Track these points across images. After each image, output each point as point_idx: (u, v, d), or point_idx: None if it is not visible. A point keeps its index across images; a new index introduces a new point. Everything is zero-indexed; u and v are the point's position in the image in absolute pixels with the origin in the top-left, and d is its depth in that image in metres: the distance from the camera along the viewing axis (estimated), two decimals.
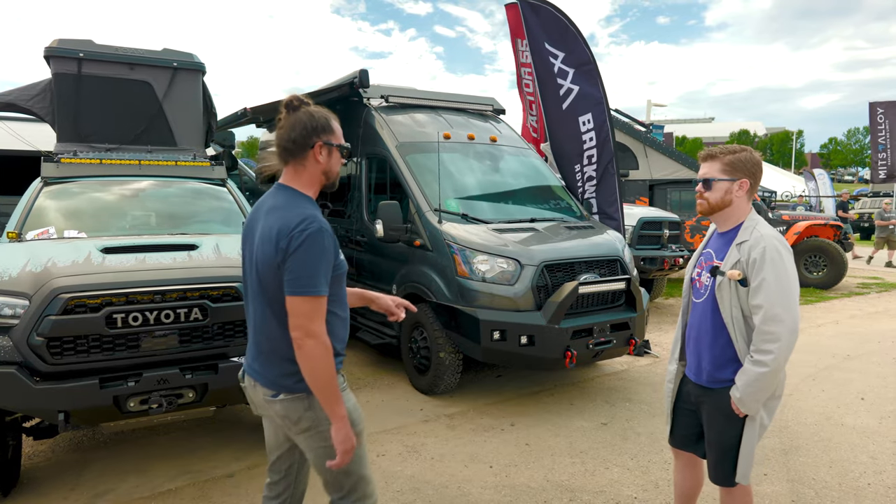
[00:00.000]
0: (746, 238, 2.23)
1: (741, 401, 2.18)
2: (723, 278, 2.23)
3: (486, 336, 4.38)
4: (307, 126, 1.91)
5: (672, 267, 8.44)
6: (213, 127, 6.05)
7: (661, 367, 5.86)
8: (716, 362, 2.28)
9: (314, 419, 1.91)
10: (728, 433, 2.27)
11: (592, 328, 4.59)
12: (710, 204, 2.30)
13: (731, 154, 2.29)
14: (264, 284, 1.88)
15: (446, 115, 6.26)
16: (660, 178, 11.44)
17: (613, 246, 5.08)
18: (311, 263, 1.79)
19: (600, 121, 6.31)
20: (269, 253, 1.84)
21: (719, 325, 2.26)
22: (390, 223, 5.06)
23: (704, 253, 2.41)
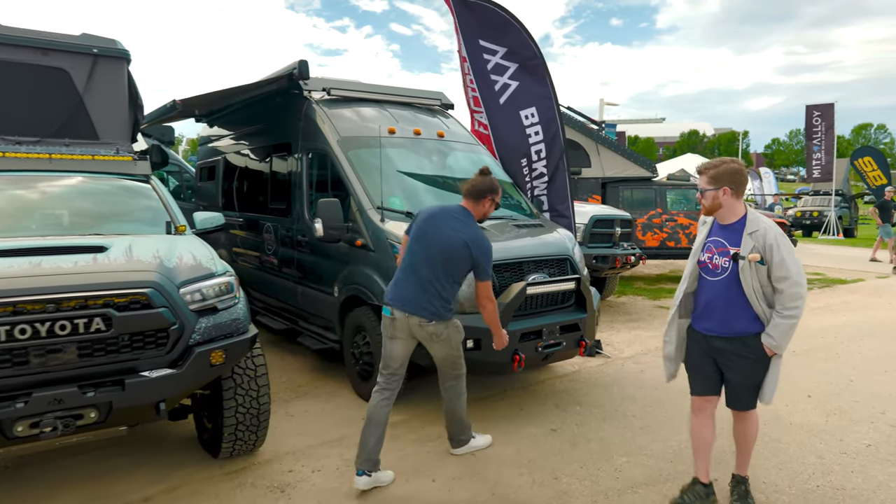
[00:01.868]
0: (756, 228, 2.93)
1: (778, 346, 2.93)
2: (744, 262, 2.91)
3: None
4: (490, 187, 3.61)
5: (624, 265, 8.40)
6: (139, 120, 5.63)
7: (612, 368, 5.76)
8: (747, 321, 2.97)
9: (449, 334, 3.53)
10: (759, 371, 3.01)
11: (542, 330, 4.42)
12: (707, 207, 3.07)
13: (713, 168, 3.01)
14: (449, 261, 3.43)
15: (392, 110, 6.00)
16: (612, 176, 11.46)
17: (563, 245, 4.94)
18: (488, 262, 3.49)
19: (548, 116, 6.17)
20: (460, 249, 3.41)
21: (742, 295, 2.95)
22: (330, 222, 4.78)
23: (712, 241, 3.08)
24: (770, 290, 2.93)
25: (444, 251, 3.41)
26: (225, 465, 3.65)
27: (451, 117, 6.58)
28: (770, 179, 32.18)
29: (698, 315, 3.15)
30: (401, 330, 3.47)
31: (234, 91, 5.78)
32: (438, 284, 3.40)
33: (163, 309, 2.89)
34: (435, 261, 3.41)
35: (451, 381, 3.75)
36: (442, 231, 3.45)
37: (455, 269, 3.43)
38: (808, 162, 22.89)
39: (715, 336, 3.07)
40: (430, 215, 3.56)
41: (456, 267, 3.43)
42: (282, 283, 6.19)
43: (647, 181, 11.43)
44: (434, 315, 3.41)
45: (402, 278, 3.50)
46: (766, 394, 3.04)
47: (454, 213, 3.55)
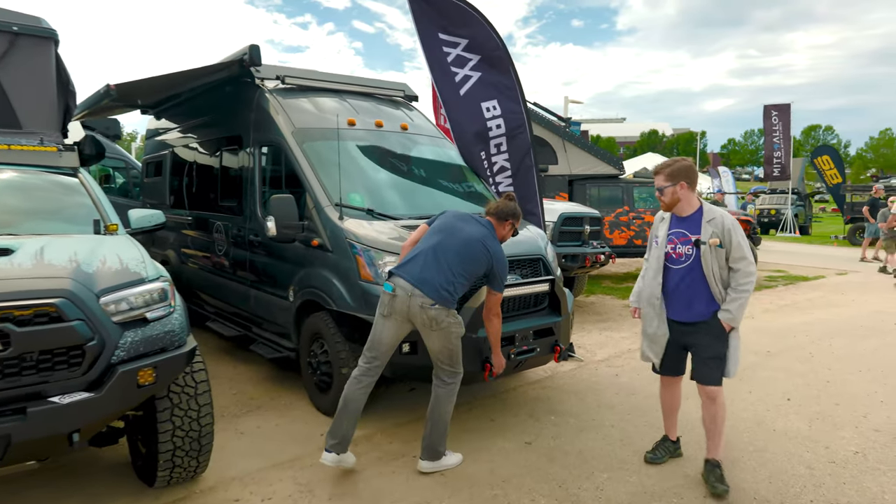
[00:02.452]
0: (713, 216, 3.32)
1: (733, 318, 3.28)
2: (705, 246, 3.27)
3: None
4: (513, 212, 3.70)
5: (594, 264, 8.19)
6: (71, 108, 5.09)
7: (586, 372, 5.50)
8: (705, 303, 3.33)
9: (449, 324, 3.40)
10: (720, 345, 3.34)
11: (514, 336, 4.11)
12: (666, 203, 3.44)
13: (668, 167, 3.42)
14: (470, 257, 3.46)
15: (352, 101, 5.61)
16: (579, 173, 11.28)
17: (535, 244, 4.64)
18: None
19: (510, 108, 5.86)
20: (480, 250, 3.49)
21: (702, 279, 3.30)
22: (284, 220, 4.38)
23: (673, 233, 3.44)
24: (727, 273, 3.30)
25: (468, 245, 3.47)
26: (161, 496, 3.22)
27: (415, 109, 6.23)
28: (728, 178, 32.84)
29: (668, 303, 3.48)
30: (399, 310, 3.38)
31: (178, 77, 5.30)
32: (454, 274, 3.41)
33: (76, 322, 2.46)
34: (459, 251, 3.45)
35: (446, 379, 3.56)
36: (469, 228, 3.56)
37: (472, 267, 3.47)
38: (768, 161, 23.30)
39: (682, 322, 3.42)
40: (459, 214, 3.68)
41: (473, 266, 3.47)
42: (234, 286, 5.74)
43: (614, 179, 11.29)
44: (440, 299, 3.34)
45: (421, 258, 3.46)
46: (730, 367, 3.38)
47: (482, 220, 3.66)
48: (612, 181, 11.24)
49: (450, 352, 3.47)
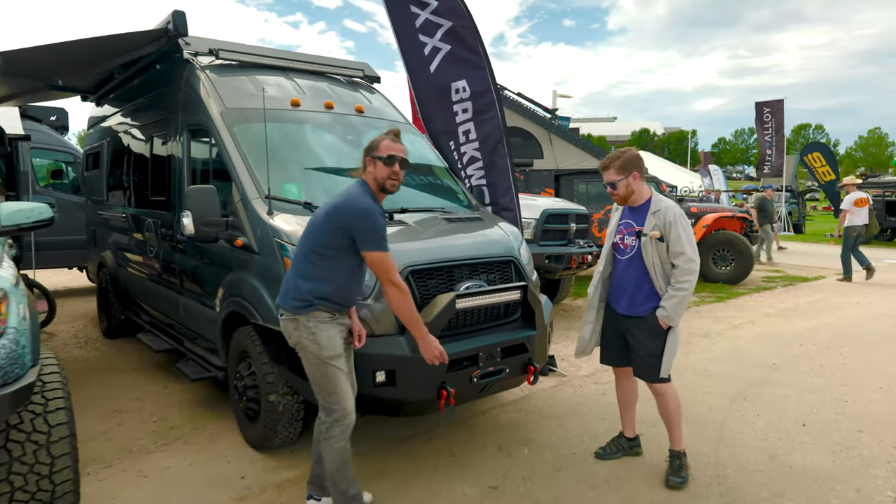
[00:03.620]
0: (658, 208, 3.25)
1: (669, 317, 3.18)
2: (646, 238, 3.22)
3: None
4: (366, 147, 2.84)
5: (580, 265, 7.49)
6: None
7: (568, 390, 4.79)
8: (644, 298, 3.26)
9: (299, 337, 2.73)
10: (656, 343, 3.25)
11: (477, 355, 3.38)
12: (621, 196, 3.35)
13: (616, 160, 3.31)
14: (309, 233, 2.76)
15: (300, 80, 4.87)
16: (566, 167, 10.59)
17: (506, 243, 3.92)
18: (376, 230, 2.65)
19: (480, 90, 5.15)
20: (320, 218, 2.72)
21: (644, 273, 3.25)
22: (203, 215, 3.63)
23: (623, 223, 3.39)
24: (669, 268, 3.18)
25: (312, 218, 2.79)
26: None
27: (376, 92, 5.49)
28: (719, 177, 32.40)
29: (612, 294, 3.45)
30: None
31: (88, 48, 4.52)
32: (301, 259, 2.74)
33: None
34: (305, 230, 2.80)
35: (321, 416, 2.79)
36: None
37: (314, 237, 2.71)
38: (761, 159, 22.71)
39: (623, 315, 3.36)
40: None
41: (316, 235, 2.71)
42: (164, 292, 4.98)
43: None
44: (285, 303, 2.74)
45: None
46: (663, 367, 3.24)
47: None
48: (601, 176, 10.55)
49: (316, 382, 2.73)
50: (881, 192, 19.90)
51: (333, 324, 2.72)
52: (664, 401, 3.34)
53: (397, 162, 2.72)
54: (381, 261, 2.63)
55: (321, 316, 2.69)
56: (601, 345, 3.55)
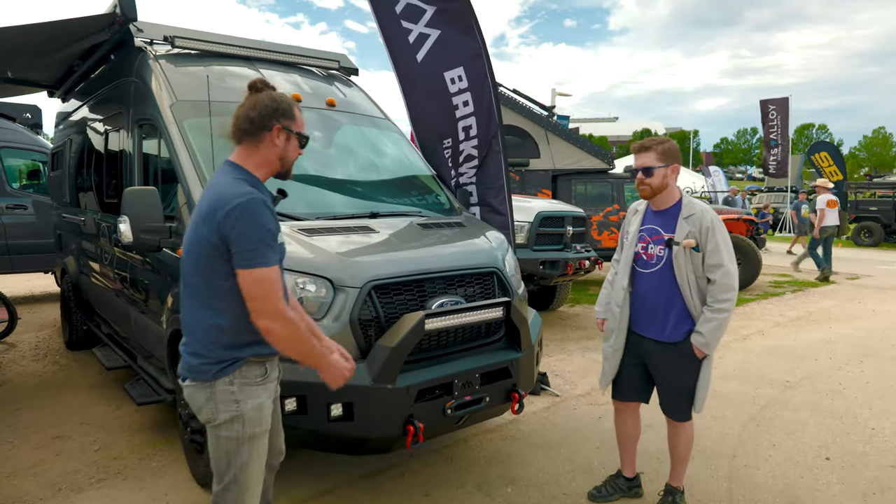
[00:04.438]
0: (692, 212, 2.74)
1: (707, 344, 2.70)
2: (679, 248, 2.71)
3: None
4: (268, 108, 1.91)
5: (577, 271, 7.03)
6: None
7: (561, 414, 4.33)
8: (676, 319, 2.76)
9: (211, 413, 1.90)
10: (689, 375, 2.79)
11: (452, 382, 2.93)
12: (653, 188, 2.78)
13: (661, 144, 2.78)
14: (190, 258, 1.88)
15: (266, 70, 4.41)
16: (564, 168, 10.13)
17: (489, 252, 3.46)
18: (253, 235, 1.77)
19: (479, 80, 4.67)
20: (193, 231, 1.84)
21: (675, 288, 2.75)
22: (142, 221, 3.19)
23: (645, 229, 2.88)
24: (705, 283, 2.72)
25: (185, 248, 1.91)
26: None
27: (353, 85, 5.04)
28: (720, 177, 31.96)
29: (633, 314, 2.92)
30: None
31: (30, 34, 4.06)
32: (201, 293, 1.87)
33: None
34: (183, 267, 1.94)
35: (215, 492, 1.99)
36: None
37: (190, 257, 1.88)
38: (765, 158, 22.22)
39: (647, 338, 2.87)
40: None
41: (191, 252, 1.87)
42: (118, 304, 4.55)
43: (603, 174, 10.14)
44: (188, 364, 1.91)
45: None
46: (698, 402, 2.82)
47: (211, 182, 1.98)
48: (601, 176, 10.09)
49: (218, 462, 1.95)
50: (892, 192, 19.41)
51: (266, 384, 1.97)
52: (681, 435, 2.92)
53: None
54: (261, 281, 1.76)
55: (251, 374, 1.91)
56: (617, 377, 3.03)
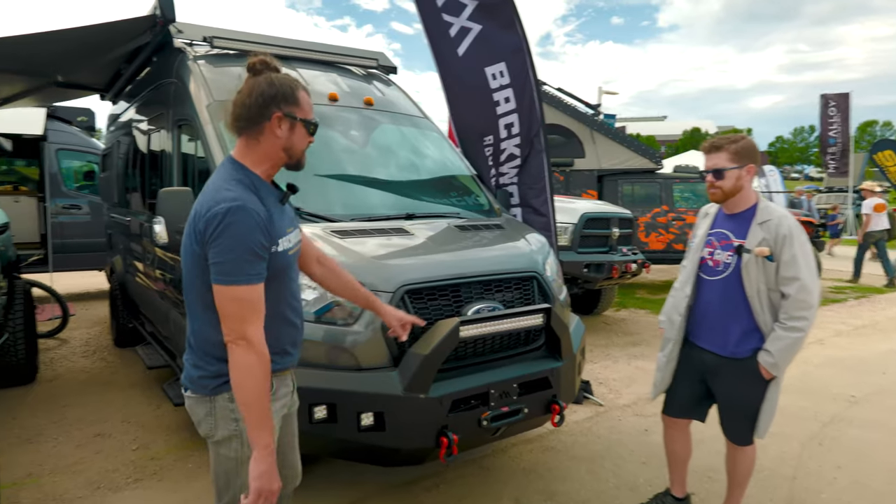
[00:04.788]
0: (768, 217, 2.48)
1: (775, 365, 2.46)
2: (749, 256, 2.47)
3: (301, 413, 2.52)
4: (265, 94, 1.67)
5: (623, 275, 6.77)
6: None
7: (605, 425, 4.13)
8: (743, 334, 2.53)
9: (210, 428, 1.73)
10: (753, 396, 2.55)
11: (488, 392, 2.79)
12: (725, 192, 2.54)
13: (734, 143, 2.53)
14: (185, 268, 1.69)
15: (303, 70, 4.38)
16: (610, 168, 9.83)
17: (528, 256, 3.31)
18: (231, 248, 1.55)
19: (522, 77, 4.52)
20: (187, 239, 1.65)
21: (743, 300, 2.50)
22: (178, 221, 3.15)
23: (714, 233, 2.65)
24: (778, 297, 2.47)
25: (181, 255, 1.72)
26: None
27: (391, 84, 4.96)
28: (776, 178, 30.73)
29: (694, 324, 2.72)
30: None
31: (67, 38, 4.12)
32: (190, 309, 1.72)
33: None
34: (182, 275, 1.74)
35: None
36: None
37: (192, 275, 1.67)
38: (824, 156, 21.16)
39: (707, 351, 2.65)
40: None
41: (192, 272, 1.67)
42: (158, 303, 4.59)
43: (650, 174, 9.80)
44: (187, 378, 1.74)
45: None
46: (761, 428, 2.59)
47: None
48: (649, 177, 9.76)
49: (218, 482, 1.76)
50: None
51: (274, 400, 1.77)
52: (741, 460, 2.71)
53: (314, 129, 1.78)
54: (234, 300, 1.55)
55: (228, 396, 1.69)
56: (670, 392, 2.86)
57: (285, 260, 1.74)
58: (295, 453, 2.06)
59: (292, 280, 1.82)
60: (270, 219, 1.66)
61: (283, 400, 1.87)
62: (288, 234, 1.77)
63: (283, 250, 1.72)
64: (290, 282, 1.80)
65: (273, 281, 1.70)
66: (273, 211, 1.70)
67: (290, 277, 1.80)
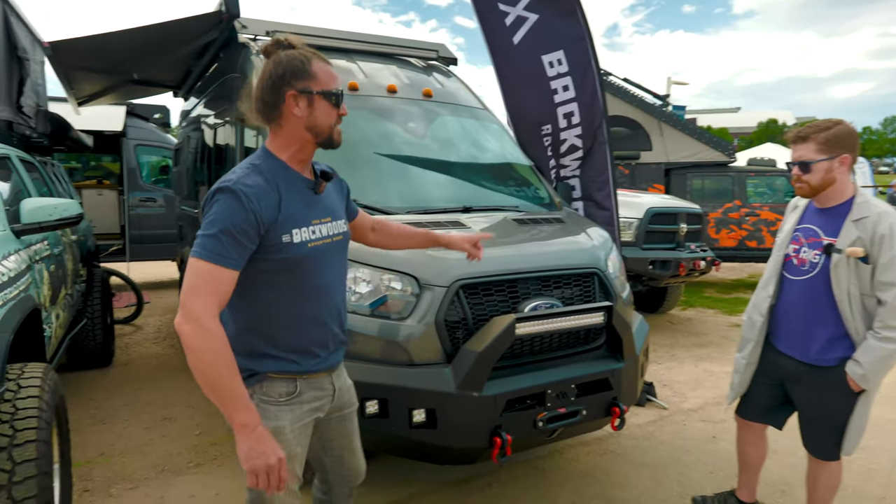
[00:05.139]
0: (865, 214, 2.23)
1: (865, 377, 2.23)
2: (840, 256, 2.22)
3: None
4: (275, 75, 1.59)
5: (691, 272, 6.47)
6: (25, 76, 4.26)
7: (668, 430, 3.94)
8: (829, 340, 2.30)
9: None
10: (840, 409, 2.32)
11: (544, 393, 2.69)
12: (812, 186, 2.31)
13: (824, 131, 2.26)
14: None
15: (364, 62, 4.38)
16: (678, 160, 9.42)
17: (588, 252, 3.17)
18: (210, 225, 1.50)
19: (582, 65, 4.35)
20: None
21: (831, 303, 2.27)
22: None
23: (802, 229, 2.44)
24: (873, 303, 2.22)
25: None
26: None
27: (451, 75, 4.89)
28: (865, 170, 28.75)
29: (776, 326, 2.54)
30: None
31: (137, 36, 4.28)
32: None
33: None
34: None
35: None
36: None
37: None
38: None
39: (787, 356, 2.46)
40: None
41: None
42: None
43: (722, 167, 9.33)
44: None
45: None
46: (848, 443, 2.36)
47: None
48: (721, 170, 9.29)
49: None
50: None
51: (293, 405, 1.69)
52: (823, 475, 2.49)
53: (343, 100, 1.66)
54: (191, 270, 1.49)
55: (272, 391, 1.65)
56: (746, 393, 2.69)
57: (301, 252, 1.62)
58: (354, 456, 2.01)
59: (321, 276, 1.68)
60: (277, 206, 1.57)
61: (314, 404, 1.75)
62: (314, 224, 1.66)
63: (298, 241, 1.61)
64: (316, 277, 1.67)
65: (288, 273, 1.62)
66: (292, 199, 1.62)
67: (314, 272, 1.66)
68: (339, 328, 1.79)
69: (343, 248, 1.81)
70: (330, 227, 1.73)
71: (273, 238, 1.57)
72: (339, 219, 1.79)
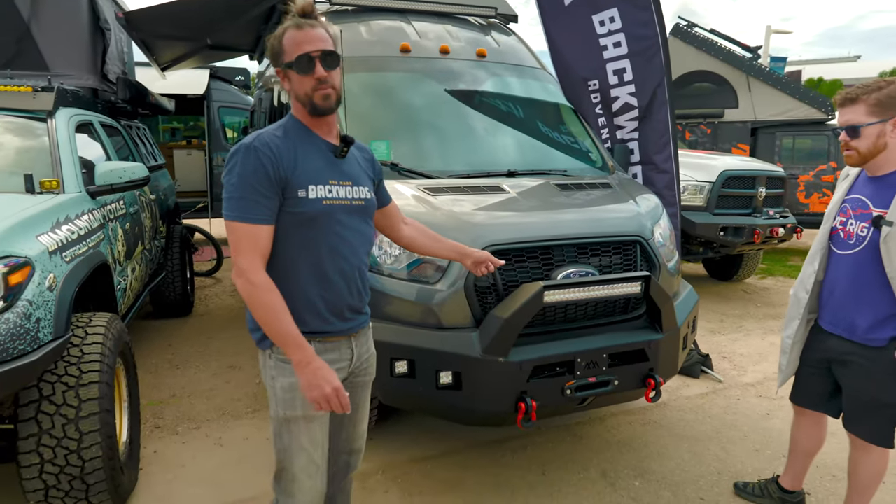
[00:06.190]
0: None
1: None
2: (889, 229, 2.07)
3: (383, 366, 2.61)
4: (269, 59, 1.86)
5: (768, 239, 6.10)
6: (108, 46, 4.57)
7: (719, 404, 3.81)
8: (877, 319, 2.18)
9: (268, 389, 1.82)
10: (886, 391, 2.20)
11: (573, 361, 2.68)
12: (861, 153, 2.15)
13: (875, 91, 2.09)
14: None
15: (418, 23, 4.35)
16: (767, 119, 8.76)
17: (632, 219, 3.06)
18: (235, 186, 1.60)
19: (639, 20, 4.13)
20: None
21: (881, 280, 2.13)
22: None
23: (850, 199, 2.29)
24: None
25: None
26: None
27: (510, 33, 4.76)
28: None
29: (820, 303, 2.43)
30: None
31: (205, 6, 4.46)
32: None
33: None
34: None
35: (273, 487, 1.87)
36: None
37: None
38: None
39: (833, 335, 2.34)
40: None
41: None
42: None
43: (818, 125, 8.58)
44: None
45: None
46: None
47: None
48: (816, 128, 8.56)
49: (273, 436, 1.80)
50: None
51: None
52: (864, 461, 2.33)
53: (318, 62, 1.62)
54: (230, 232, 1.61)
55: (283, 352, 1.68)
56: (796, 377, 2.58)
57: (315, 208, 1.65)
58: (356, 428, 1.99)
59: (335, 236, 1.70)
60: (294, 160, 1.64)
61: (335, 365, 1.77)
62: (332, 185, 1.69)
63: (314, 198, 1.65)
64: (329, 236, 1.69)
65: (304, 229, 1.66)
66: (310, 156, 1.68)
67: (327, 231, 1.69)
68: (354, 294, 1.78)
69: (364, 215, 1.80)
70: (350, 191, 1.74)
71: (290, 192, 1.63)
72: (361, 185, 1.79)
